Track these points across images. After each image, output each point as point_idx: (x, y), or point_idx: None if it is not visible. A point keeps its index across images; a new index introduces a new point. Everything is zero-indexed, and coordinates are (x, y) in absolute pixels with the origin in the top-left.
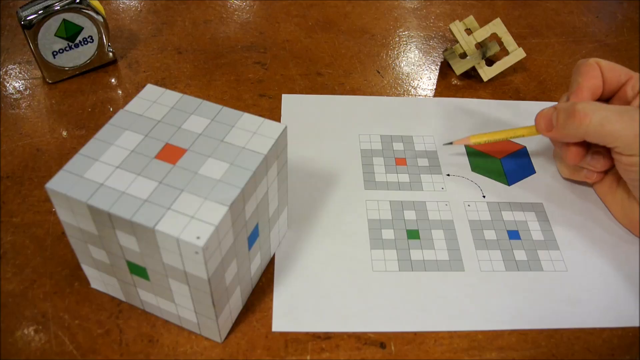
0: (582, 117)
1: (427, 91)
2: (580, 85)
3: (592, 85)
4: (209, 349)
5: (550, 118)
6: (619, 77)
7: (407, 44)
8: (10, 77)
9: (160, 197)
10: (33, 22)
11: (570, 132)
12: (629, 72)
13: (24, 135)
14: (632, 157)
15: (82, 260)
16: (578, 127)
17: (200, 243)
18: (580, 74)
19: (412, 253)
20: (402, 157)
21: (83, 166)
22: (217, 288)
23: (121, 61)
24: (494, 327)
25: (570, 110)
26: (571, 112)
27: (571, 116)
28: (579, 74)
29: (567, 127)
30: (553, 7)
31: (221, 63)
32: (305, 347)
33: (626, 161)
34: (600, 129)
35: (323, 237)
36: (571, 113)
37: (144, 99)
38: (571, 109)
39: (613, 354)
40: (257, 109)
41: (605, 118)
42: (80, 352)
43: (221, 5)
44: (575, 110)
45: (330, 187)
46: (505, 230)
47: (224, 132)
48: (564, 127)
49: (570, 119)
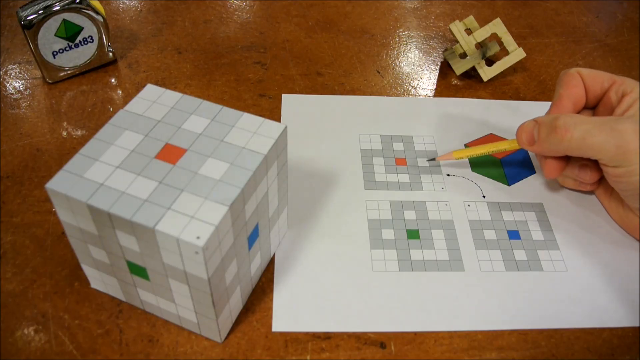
0: (563, 132)
1: (427, 91)
2: (561, 96)
3: (574, 95)
4: (209, 349)
5: (531, 132)
6: (602, 83)
7: (407, 44)
8: (10, 77)
9: (160, 197)
10: (33, 22)
11: (552, 147)
12: (611, 77)
13: (24, 135)
14: (618, 169)
15: (82, 260)
16: (560, 142)
17: (200, 243)
18: (561, 84)
19: (412, 253)
20: (402, 157)
21: (83, 166)
22: (217, 288)
23: (121, 61)
24: (494, 327)
25: (552, 125)
26: (553, 127)
27: (553, 131)
28: (561, 85)
29: (549, 141)
30: (553, 7)
31: (221, 63)
32: (305, 347)
33: (612, 172)
34: (582, 142)
35: (323, 237)
36: (553, 128)
37: (144, 99)
38: (553, 124)
39: (613, 354)
40: (257, 109)
41: (587, 131)
42: (80, 352)
43: (221, 5)
44: (556, 125)
45: (330, 187)
46: (505, 230)
47: (224, 132)
48: (546, 141)
49: (552, 134)
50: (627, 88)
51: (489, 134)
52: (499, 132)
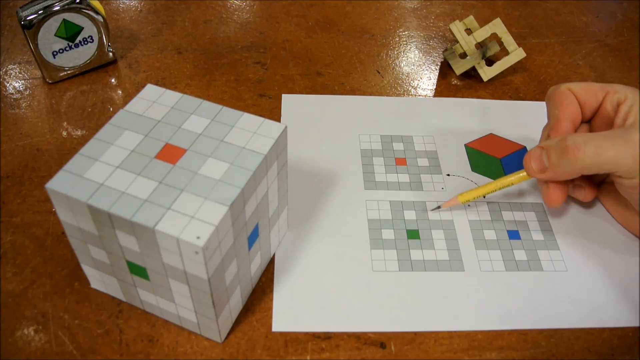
0: (575, 152)
1: (427, 91)
2: (559, 118)
3: (570, 114)
4: (209, 349)
5: (541, 159)
6: (596, 95)
7: (407, 44)
8: (10, 77)
9: (160, 197)
10: (33, 22)
11: (565, 170)
12: (603, 87)
13: (24, 135)
14: (634, 180)
15: (82, 260)
16: (574, 163)
17: (200, 243)
18: (555, 105)
19: (412, 253)
20: (402, 157)
21: (83, 166)
22: (217, 288)
23: (121, 61)
24: (494, 327)
25: (561, 147)
26: (563, 149)
27: (564, 153)
28: (554, 106)
29: (562, 164)
30: (553, 7)
31: (221, 63)
32: (305, 347)
33: (628, 184)
34: (596, 159)
35: (323, 237)
36: (563, 150)
37: (144, 99)
38: (562, 146)
39: (613, 354)
40: (257, 109)
41: (599, 147)
42: (80, 352)
43: (221, 5)
44: (566, 146)
45: (330, 187)
46: (505, 230)
47: (224, 132)
48: (558, 165)
49: (564, 157)
50: (620, 96)
51: (489, 134)
52: (499, 132)
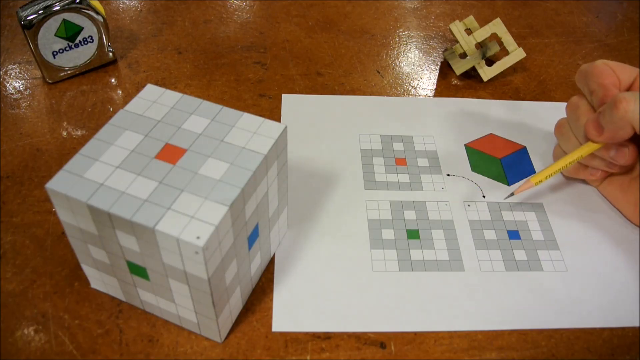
0: (625, 105)
1: (427, 91)
2: (606, 86)
3: (614, 84)
4: (209, 349)
5: (597, 121)
6: (630, 75)
7: (407, 44)
8: (10, 77)
9: (160, 197)
10: (33, 22)
11: (617, 124)
12: (633, 69)
13: (24, 135)
14: None
15: (82, 260)
16: (623, 116)
17: (200, 243)
18: (597, 76)
19: (412, 253)
20: (402, 157)
21: (83, 166)
22: (217, 288)
23: (121, 61)
24: (494, 327)
25: (612, 103)
26: (613, 104)
27: (614, 107)
28: (597, 77)
29: (614, 120)
30: (553, 7)
31: (221, 63)
32: (305, 347)
33: None
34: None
35: (323, 237)
36: (613, 105)
37: (144, 99)
38: (613, 101)
39: (613, 354)
40: (257, 109)
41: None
42: (80, 352)
43: (221, 5)
44: (615, 100)
45: (330, 187)
46: (505, 230)
47: (224, 132)
48: (611, 121)
49: (614, 110)
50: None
51: (489, 134)
52: (499, 132)
